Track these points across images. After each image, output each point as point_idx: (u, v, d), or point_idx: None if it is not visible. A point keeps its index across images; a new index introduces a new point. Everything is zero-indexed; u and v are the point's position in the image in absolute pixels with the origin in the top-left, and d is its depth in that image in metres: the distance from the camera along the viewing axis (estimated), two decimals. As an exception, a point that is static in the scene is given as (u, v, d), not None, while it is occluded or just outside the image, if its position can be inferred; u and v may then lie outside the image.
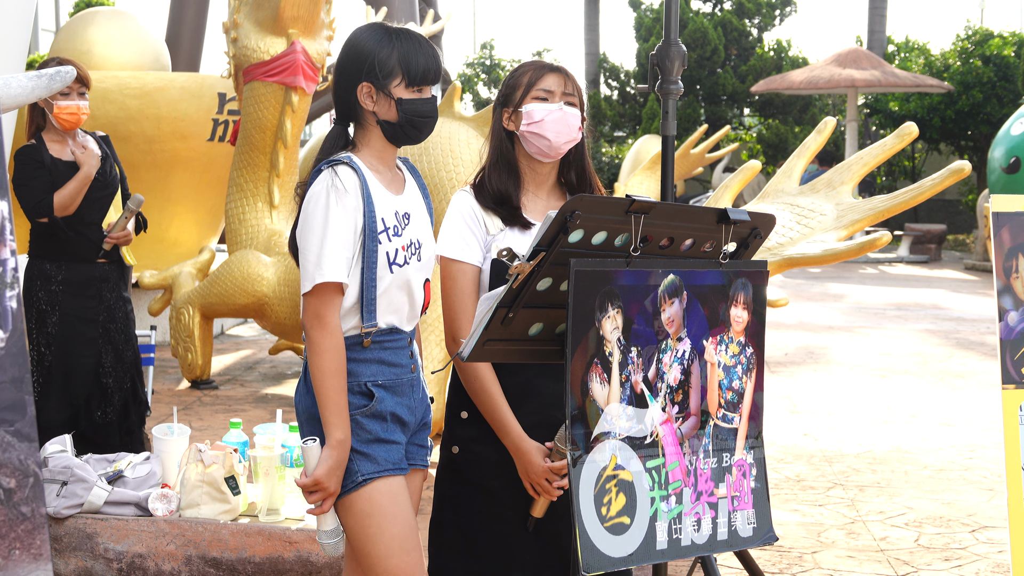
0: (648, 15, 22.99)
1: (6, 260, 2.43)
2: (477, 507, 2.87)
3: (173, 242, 9.73)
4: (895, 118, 21.23)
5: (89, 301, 5.04)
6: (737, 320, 2.56)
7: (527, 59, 3.04)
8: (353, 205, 2.73)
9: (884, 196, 4.44)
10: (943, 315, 12.20)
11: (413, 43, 2.80)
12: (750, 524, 2.59)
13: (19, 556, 2.41)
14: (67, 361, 5.00)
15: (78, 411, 5.02)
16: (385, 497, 2.77)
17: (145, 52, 9.87)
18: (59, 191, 4.95)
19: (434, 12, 8.37)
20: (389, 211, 2.79)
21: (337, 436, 2.70)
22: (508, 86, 2.91)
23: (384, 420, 2.79)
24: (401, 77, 2.78)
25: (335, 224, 2.71)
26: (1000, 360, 3.74)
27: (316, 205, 2.73)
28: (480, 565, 2.88)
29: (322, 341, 2.71)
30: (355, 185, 2.74)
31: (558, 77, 2.88)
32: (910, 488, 5.80)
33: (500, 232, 2.85)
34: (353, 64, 2.81)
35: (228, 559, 3.98)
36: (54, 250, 5.02)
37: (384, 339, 2.80)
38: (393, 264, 2.77)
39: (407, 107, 2.78)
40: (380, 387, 2.79)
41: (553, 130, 2.85)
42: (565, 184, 2.97)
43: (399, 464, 2.81)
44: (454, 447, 2.91)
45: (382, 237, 2.76)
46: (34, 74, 3.83)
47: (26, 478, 2.44)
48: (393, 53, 2.78)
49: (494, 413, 2.80)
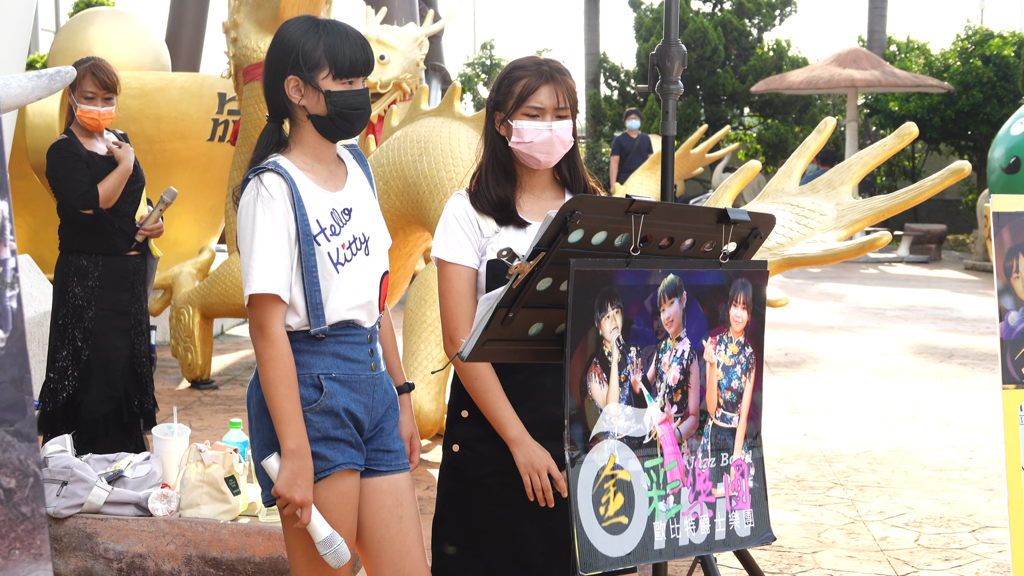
0: (648, 15, 22.98)
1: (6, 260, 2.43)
2: (478, 505, 2.88)
3: (173, 242, 9.73)
4: (895, 118, 21.22)
5: (124, 294, 5.11)
6: (736, 320, 2.56)
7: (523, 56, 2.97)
8: (282, 211, 2.70)
9: (884, 196, 4.44)
10: (943, 315, 12.20)
11: (340, 34, 2.75)
12: (748, 524, 2.59)
13: (19, 556, 2.41)
14: (105, 355, 5.07)
15: (120, 404, 5.08)
16: (333, 497, 2.75)
17: (145, 52, 9.87)
18: (102, 183, 5.01)
19: (434, 12, 8.36)
20: (324, 211, 2.76)
21: (289, 446, 2.67)
22: (501, 91, 2.88)
23: (336, 416, 2.75)
24: (328, 69, 2.73)
25: (263, 234, 2.69)
26: (1000, 360, 3.74)
27: (245, 216, 2.72)
28: (481, 563, 2.88)
29: (264, 351, 2.70)
30: (281, 191, 2.71)
31: (550, 90, 2.84)
32: (910, 488, 5.80)
33: (495, 234, 2.86)
34: (279, 57, 2.77)
35: (228, 559, 3.98)
36: (91, 244, 5.06)
37: (340, 333, 2.77)
38: (337, 264, 2.74)
39: (336, 99, 2.74)
40: (333, 380, 2.75)
41: (542, 151, 2.85)
42: (560, 180, 2.97)
43: (348, 463, 2.77)
44: (454, 445, 2.91)
45: (320, 239, 2.73)
46: (34, 74, 3.83)
47: (26, 478, 2.44)
48: (319, 45, 2.73)
49: (494, 410, 2.81)
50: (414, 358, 5.75)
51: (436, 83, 13.77)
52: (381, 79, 7.13)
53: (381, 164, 6.23)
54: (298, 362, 2.74)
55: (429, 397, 5.75)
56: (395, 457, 2.90)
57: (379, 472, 2.87)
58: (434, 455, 6.21)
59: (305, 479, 2.68)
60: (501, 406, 2.81)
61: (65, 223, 5.11)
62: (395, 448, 2.90)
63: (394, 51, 7.35)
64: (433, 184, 5.93)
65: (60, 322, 5.06)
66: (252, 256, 2.70)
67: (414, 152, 6.07)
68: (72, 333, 5.04)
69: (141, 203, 5.22)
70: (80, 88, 4.96)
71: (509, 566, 2.88)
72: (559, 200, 2.94)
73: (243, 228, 2.72)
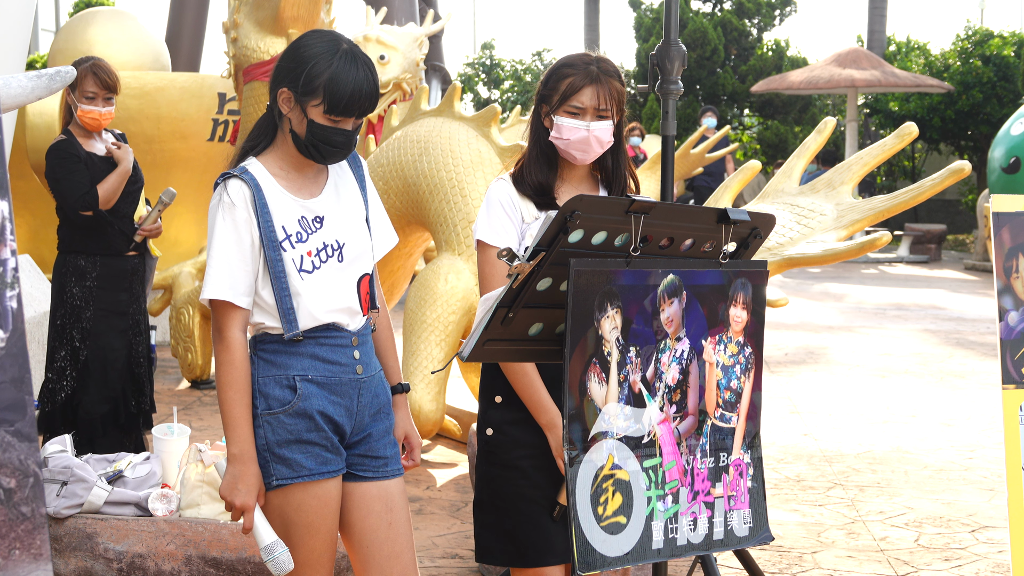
0: (648, 15, 22.98)
1: (6, 260, 2.43)
2: (512, 488, 2.93)
3: (173, 242, 9.73)
4: (895, 118, 21.21)
5: (122, 295, 5.11)
6: (736, 320, 2.56)
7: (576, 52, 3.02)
8: (243, 218, 2.71)
9: (884, 196, 4.43)
10: (943, 315, 12.20)
11: (351, 71, 2.70)
12: (746, 524, 2.59)
13: (19, 556, 2.41)
14: (102, 355, 5.07)
15: (117, 404, 5.08)
16: (294, 508, 2.74)
17: (145, 52, 9.87)
18: (101, 184, 5.01)
19: (434, 12, 8.37)
20: (291, 218, 2.75)
21: (232, 451, 2.70)
22: (548, 85, 2.94)
23: (309, 419, 2.74)
24: (321, 100, 2.70)
25: (221, 240, 2.71)
26: (1000, 360, 3.74)
27: (210, 221, 2.74)
28: (516, 546, 2.93)
29: (219, 355, 2.72)
30: (244, 198, 2.71)
31: (593, 91, 2.89)
32: (910, 488, 5.80)
33: (535, 220, 2.91)
34: (287, 65, 2.75)
35: (228, 559, 3.98)
36: (89, 244, 5.07)
37: (320, 335, 2.76)
38: (302, 271, 2.74)
39: (316, 131, 2.72)
40: (310, 382, 2.74)
41: (579, 149, 2.91)
42: (600, 174, 3.03)
43: (321, 469, 2.75)
44: (488, 429, 2.97)
45: (285, 245, 2.73)
46: (34, 74, 3.83)
47: (26, 478, 2.44)
48: (325, 73, 2.68)
49: (531, 393, 2.87)
50: (414, 358, 5.75)
51: (436, 83, 13.76)
52: (381, 79, 7.13)
53: (381, 164, 6.23)
54: (275, 363, 2.74)
55: (429, 397, 5.75)
56: (384, 463, 2.88)
57: (366, 478, 2.86)
58: (434, 455, 6.21)
59: (246, 484, 2.69)
60: (538, 390, 2.87)
61: (64, 223, 5.11)
62: (385, 454, 2.88)
63: (394, 51, 7.36)
64: (433, 184, 5.93)
65: (58, 322, 5.07)
66: (211, 261, 2.72)
67: (414, 152, 6.07)
68: (70, 333, 5.05)
69: (140, 203, 5.23)
70: (81, 88, 4.96)
71: (541, 549, 2.92)
72: (596, 192, 3.01)
73: (209, 231, 2.75)
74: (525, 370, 2.88)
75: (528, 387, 2.88)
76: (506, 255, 2.30)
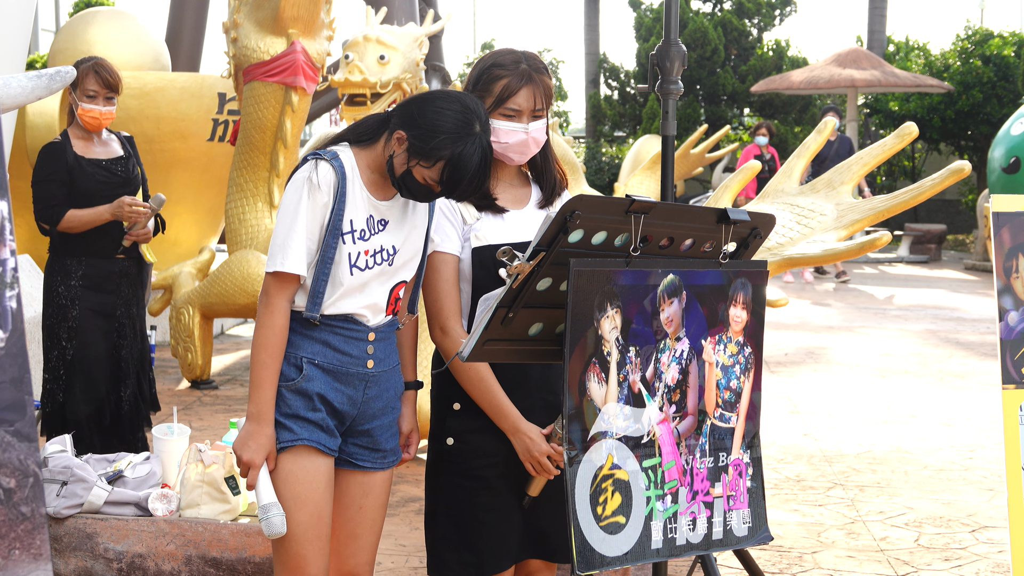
0: (648, 15, 22.98)
1: (6, 260, 2.43)
2: (473, 498, 2.88)
3: (173, 242, 9.73)
4: (895, 118, 21.21)
5: (108, 296, 5.09)
6: (736, 320, 2.56)
7: (502, 49, 2.96)
8: (323, 202, 2.76)
9: (884, 196, 4.43)
10: (943, 315, 12.19)
11: (472, 156, 2.66)
12: (745, 524, 2.59)
13: (19, 556, 2.41)
14: (87, 354, 5.06)
15: (101, 405, 5.06)
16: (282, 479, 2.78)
17: (145, 52, 9.87)
18: (75, 210, 4.97)
19: (434, 12, 8.36)
20: (361, 215, 2.79)
21: (251, 409, 2.76)
22: (479, 87, 2.88)
23: (308, 399, 2.80)
24: (430, 164, 2.69)
25: (303, 217, 2.75)
26: (1000, 360, 3.74)
27: (292, 193, 2.77)
28: (474, 556, 2.88)
29: (262, 316, 2.78)
30: (330, 182, 2.76)
31: (529, 92, 2.85)
32: (910, 488, 5.80)
33: (477, 220, 2.89)
34: (415, 117, 2.70)
35: (228, 559, 3.98)
36: (76, 246, 5.06)
37: (337, 324, 2.81)
38: (354, 267, 2.79)
39: (408, 181, 2.74)
40: (315, 366, 2.81)
41: (517, 151, 2.89)
42: (530, 169, 3.01)
43: (317, 441, 2.81)
44: (448, 439, 2.91)
45: (347, 238, 2.77)
46: (34, 74, 3.83)
47: (26, 478, 2.44)
48: (449, 149, 2.66)
49: (490, 399, 2.82)
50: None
51: (436, 83, 13.74)
52: (381, 79, 7.13)
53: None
54: (288, 340, 2.80)
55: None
56: (382, 456, 2.94)
57: (365, 469, 2.92)
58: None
59: (257, 442, 2.75)
60: (496, 395, 2.82)
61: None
62: (385, 448, 2.94)
63: (394, 51, 7.35)
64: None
65: (48, 322, 5.08)
66: (290, 235, 2.75)
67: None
68: (59, 333, 5.05)
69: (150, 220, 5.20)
70: (82, 86, 4.95)
71: (499, 555, 2.89)
72: (528, 188, 2.99)
73: (287, 203, 2.77)
74: (481, 375, 2.82)
75: (485, 392, 2.82)
76: (506, 255, 2.30)
